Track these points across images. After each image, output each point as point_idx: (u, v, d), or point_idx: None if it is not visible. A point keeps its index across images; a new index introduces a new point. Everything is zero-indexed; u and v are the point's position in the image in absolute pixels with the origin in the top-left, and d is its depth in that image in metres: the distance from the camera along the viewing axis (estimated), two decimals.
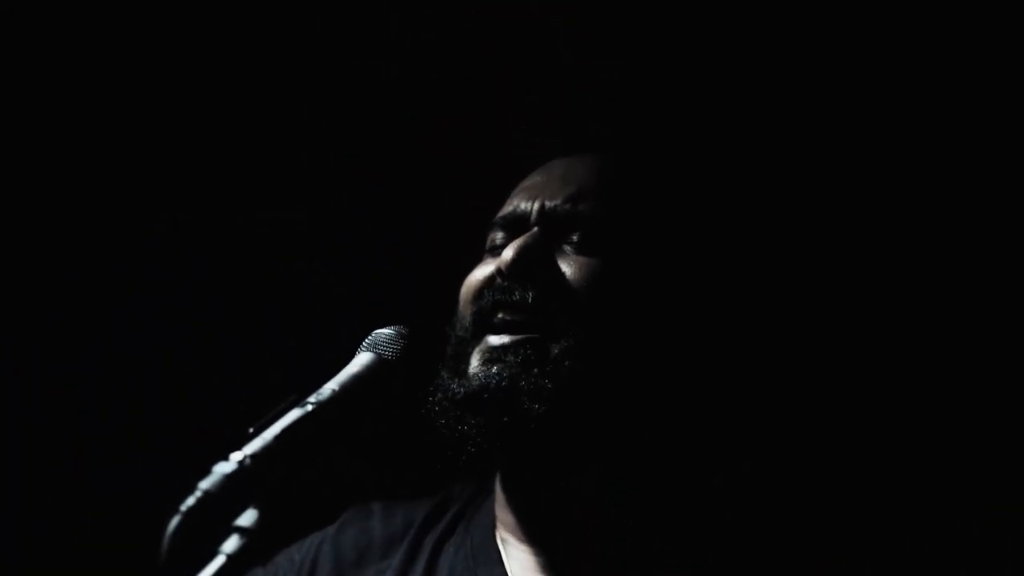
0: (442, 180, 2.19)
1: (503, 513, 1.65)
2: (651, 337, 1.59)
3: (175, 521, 1.13)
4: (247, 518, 1.17)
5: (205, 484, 1.15)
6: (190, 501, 1.14)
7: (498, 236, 1.67)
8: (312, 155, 2.29)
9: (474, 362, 1.55)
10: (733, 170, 2.10)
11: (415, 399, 1.52)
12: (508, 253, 1.58)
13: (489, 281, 1.61)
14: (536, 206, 1.64)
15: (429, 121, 2.24)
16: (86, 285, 2.32)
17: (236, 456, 1.18)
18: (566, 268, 1.58)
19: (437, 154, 2.22)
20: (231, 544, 1.16)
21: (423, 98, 2.23)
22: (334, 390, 1.28)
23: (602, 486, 1.58)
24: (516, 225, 1.65)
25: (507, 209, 1.68)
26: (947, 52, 2.05)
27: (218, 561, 1.15)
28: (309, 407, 1.25)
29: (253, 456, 1.18)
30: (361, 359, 1.33)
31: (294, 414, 1.24)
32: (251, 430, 1.21)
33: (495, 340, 1.56)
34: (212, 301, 2.27)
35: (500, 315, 1.56)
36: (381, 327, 1.38)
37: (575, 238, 1.60)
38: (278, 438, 1.21)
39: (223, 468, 1.16)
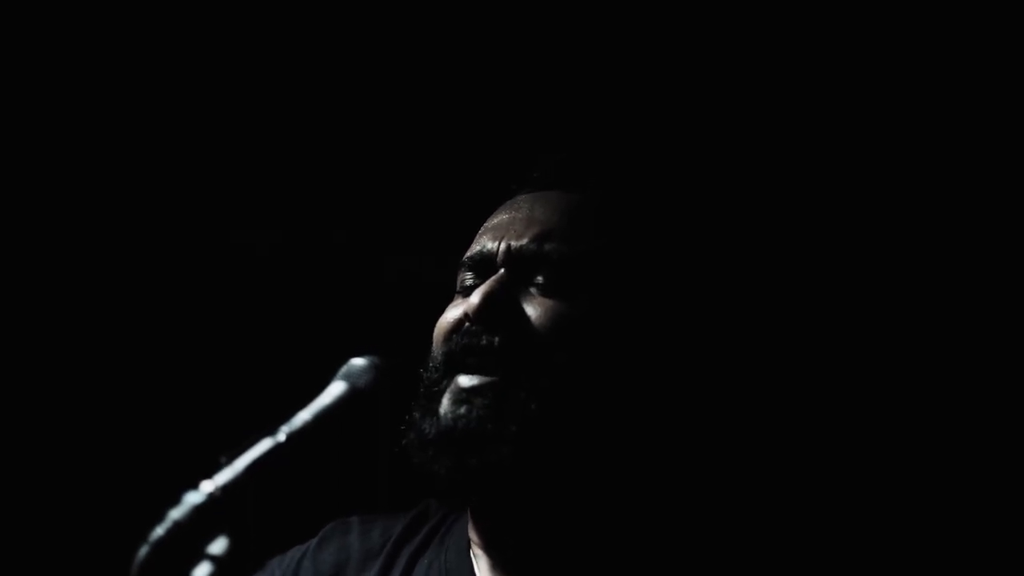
0: (421, 199, 2.19)
1: (474, 533, 1.66)
2: (618, 379, 1.60)
3: (144, 551, 1.13)
4: (218, 546, 1.17)
5: (175, 514, 1.15)
6: (159, 531, 1.14)
7: (467, 277, 1.67)
8: (291, 174, 2.28)
9: (445, 402, 1.57)
10: (704, 207, 2.09)
11: (390, 430, 1.53)
12: (475, 299, 1.59)
13: (458, 324, 1.62)
14: (502, 247, 1.64)
15: (406, 139, 2.25)
16: (51, 309, 2.32)
17: (206, 486, 1.17)
18: (531, 311, 1.58)
19: (416, 172, 2.21)
20: (201, 571, 1.15)
21: (403, 116, 2.22)
22: (306, 420, 1.27)
23: (573, 521, 1.60)
24: (483, 266, 1.65)
25: (474, 249, 1.68)
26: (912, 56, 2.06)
27: None
28: (281, 437, 1.24)
29: (224, 488, 1.18)
30: (334, 389, 1.33)
31: (265, 444, 1.23)
32: (222, 459, 1.21)
33: (465, 381, 1.57)
34: (188, 324, 2.26)
35: (468, 359, 1.58)
36: (356, 356, 1.38)
37: (540, 280, 1.61)
38: (249, 469, 1.20)
39: (193, 499, 1.16)
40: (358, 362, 1.36)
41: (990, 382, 2.04)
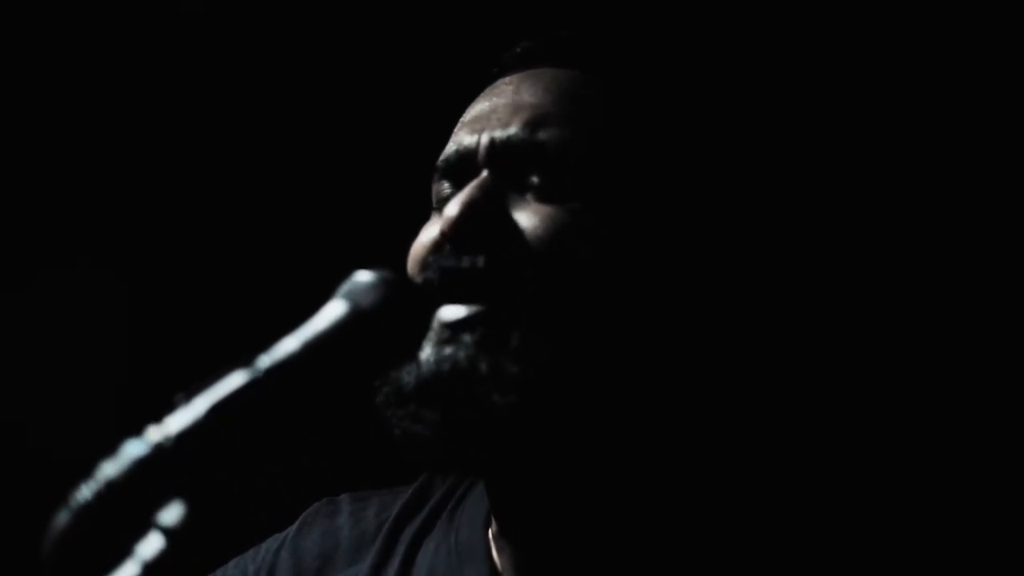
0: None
1: (489, 504, 1.35)
2: (640, 303, 1.26)
3: (63, 520, 0.84)
4: (170, 514, 0.88)
5: (108, 470, 0.85)
6: (85, 493, 0.85)
7: (444, 187, 1.33)
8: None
9: (426, 345, 1.22)
10: (730, 92, 1.78)
11: (398, 364, 1.21)
12: (451, 211, 1.24)
13: (435, 247, 1.28)
14: (483, 141, 1.29)
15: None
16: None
17: (153, 433, 0.88)
18: (525, 221, 1.24)
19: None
20: (149, 547, 0.87)
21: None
22: (293, 350, 0.97)
23: (592, 482, 1.29)
24: (461, 169, 1.31)
25: (449, 150, 1.33)
26: None
27: (129, 570, 0.86)
28: (259, 370, 0.94)
29: (178, 436, 0.88)
30: (331, 310, 1.01)
31: (237, 379, 0.93)
32: (179, 397, 0.91)
33: (448, 313, 1.23)
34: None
35: (451, 288, 1.24)
36: (361, 269, 1.06)
37: (535, 180, 1.26)
38: (213, 411, 0.90)
39: (134, 449, 0.87)
40: (363, 276, 1.04)
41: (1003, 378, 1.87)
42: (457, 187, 1.30)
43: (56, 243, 1.96)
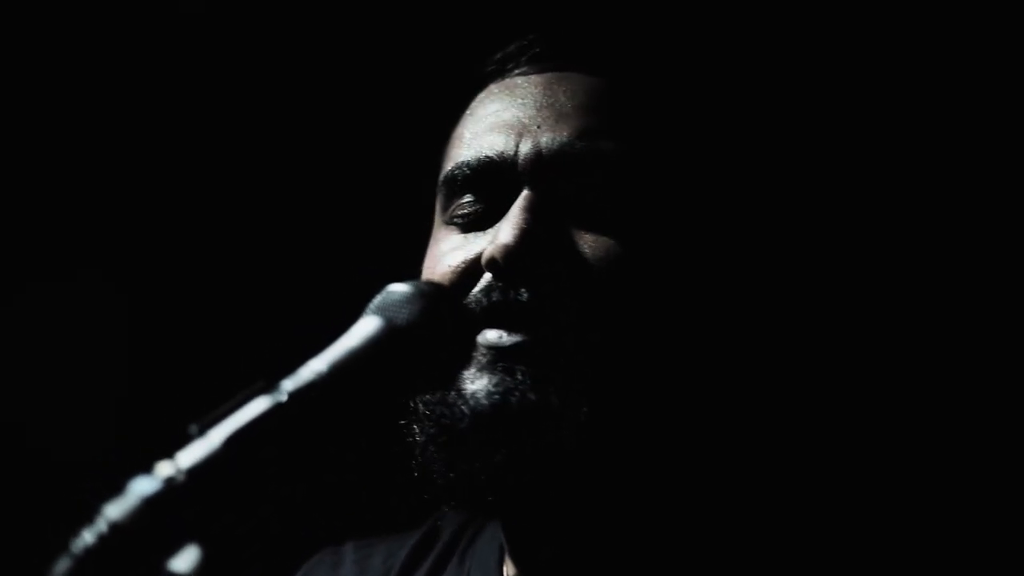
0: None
1: (507, 544, 1.24)
2: (694, 334, 1.16)
3: (63, 568, 0.75)
4: (184, 561, 0.79)
5: (114, 512, 0.77)
6: (88, 538, 0.76)
7: (466, 200, 1.17)
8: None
9: (473, 374, 1.09)
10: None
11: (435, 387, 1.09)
12: (505, 238, 1.09)
13: (468, 272, 1.13)
14: (526, 149, 1.13)
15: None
16: None
17: (164, 469, 0.79)
18: (589, 251, 1.12)
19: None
20: None
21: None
22: (320, 372, 0.87)
23: (635, 515, 1.19)
24: (492, 180, 1.15)
25: (468, 155, 1.17)
26: None
27: None
28: (282, 396, 0.85)
29: (191, 471, 0.79)
30: (363, 327, 0.91)
31: (258, 406, 0.83)
32: (192, 428, 0.82)
33: (497, 337, 1.09)
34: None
35: (494, 315, 1.10)
36: (394, 282, 0.96)
37: (588, 198, 1.13)
38: (231, 443, 0.81)
39: (142, 488, 0.77)
40: (398, 289, 0.94)
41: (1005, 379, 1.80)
42: (484, 202, 1.17)
43: (62, 252, 1.90)
